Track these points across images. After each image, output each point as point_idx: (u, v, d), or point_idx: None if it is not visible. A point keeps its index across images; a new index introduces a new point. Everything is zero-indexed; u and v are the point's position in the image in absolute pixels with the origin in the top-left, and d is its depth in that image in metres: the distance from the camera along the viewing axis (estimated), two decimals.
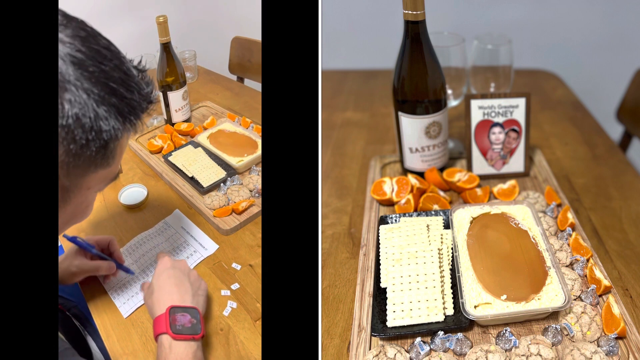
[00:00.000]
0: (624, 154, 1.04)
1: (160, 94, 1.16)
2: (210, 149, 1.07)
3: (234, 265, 0.81)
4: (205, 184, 0.96)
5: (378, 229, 0.76)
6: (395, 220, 0.78)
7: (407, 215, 0.78)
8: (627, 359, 0.58)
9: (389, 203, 0.84)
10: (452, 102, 0.95)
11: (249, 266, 0.80)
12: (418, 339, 0.59)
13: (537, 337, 0.58)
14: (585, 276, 0.68)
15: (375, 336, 0.62)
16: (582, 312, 0.61)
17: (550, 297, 0.61)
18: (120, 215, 0.93)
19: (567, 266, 0.69)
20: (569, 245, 0.72)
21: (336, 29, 1.58)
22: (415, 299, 0.62)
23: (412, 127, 0.84)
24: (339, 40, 1.61)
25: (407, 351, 0.59)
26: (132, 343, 0.69)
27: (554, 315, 0.62)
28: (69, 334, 0.77)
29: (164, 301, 0.64)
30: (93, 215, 0.88)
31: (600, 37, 1.62)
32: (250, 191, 0.95)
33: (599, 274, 0.66)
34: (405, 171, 0.91)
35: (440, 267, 0.66)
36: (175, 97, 1.16)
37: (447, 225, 0.75)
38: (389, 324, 0.61)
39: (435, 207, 0.81)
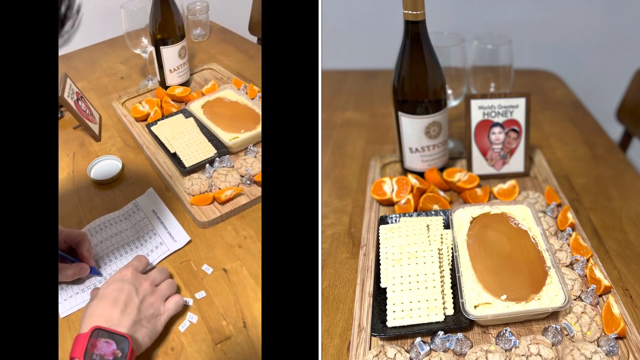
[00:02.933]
0: (624, 154, 1.04)
1: (153, 50, 0.99)
2: (202, 120, 0.90)
3: (204, 267, 0.70)
4: (188, 162, 0.82)
5: (378, 229, 0.76)
6: (395, 220, 0.78)
7: (407, 215, 0.78)
8: (627, 359, 0.58)
9: (389, 203, 0.84)
10: (452, 102, 0.95)
11: (223, 270, 0.69)
12: (418, 339, 0.59)
13: (537, 337, 0.58)
14: (585, 276, 0.68)
15: (375, 336, 0.62)
16: (582, 312, 0.61)
17: (550, 297, 0.61)
18: (86, 190, 0.82)
19: (567, 266, 0.69)
20: (569, 245, 0.72)
21: (336, 29, 1.57)
22: (415, 299, 0.62)
23: (412, 127, 0.84)
24: (339, 40, 1.61)
25: (407, 351, 0.59)
26: (66, 347, 0.59)
27: (554, 315, 0.62)
28: None
29: (95, 317, 0.54)
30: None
31: (600, 37, 1.62)
32: (241, 177, 0.80)
33: (599, 274, 0.66)
34: (405, 171, 0.91)
35: (440, 267, 0.66)
36: (170, 55, 0.97)
37: (447, 225, 0.75)
38: (389, 324, 0.61)
39: (435, 207, 0.81)
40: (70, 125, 0.96)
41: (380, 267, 0.70)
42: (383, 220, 0.78)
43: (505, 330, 0.59)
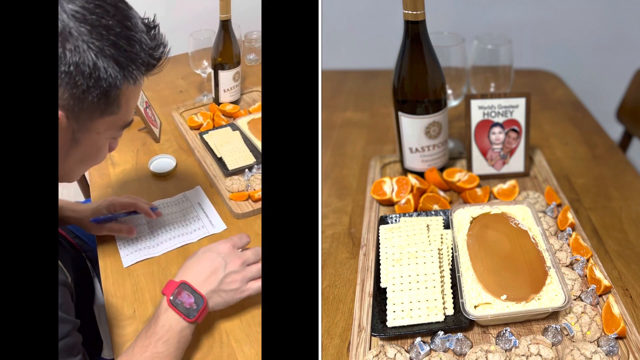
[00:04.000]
0: (624, 154, 1.04)
1: (212, 72, 1.14)
2: (246, 134, 1.06)
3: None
4: (231, 166, 0.97)
5: (378, 229, 0.76)
6: (395, 220, 0.78)
7: (407, 215, 0.78)
8: (627, 359, 0.58)
9: (389, 203, 0.84)
10: (452, 102, 0.95)
11: None
12: (418, 339, 0.59)
13: (537, 337, 0.58)
14: (585, 276, 0.68)
15: (375, 336, 0.62)
16: (582, 312, 0.61)
17: (550, 297, 0.61)
18: (146, 180, 0.99)
19: (567, 266, 0.69)
20: (569, 245, 0.72)
21: (336, 29, 1.57)
22: (415, 299, 0.62)
23: (412, 127, 0.84)
24: (339, 40, 1.61)
25: (407, 351, 0.59)
26: (124, 289, 0.76)
27: (554, 315, 0.62)
28: (81, 272, 0.83)
29: (187, 274, 0.66)
30: (123, 175, 0.99)
31: (600, 37, 1.62)
32: None
33: (599, 274, 0.66)
34: (405, 171, 0.91)
35: (440, 267, 0.66)
36: (226, 77, 1.13)
37: (447, 225, 0.75)
38: (389, 324, 0.61)
39: (435, 207, 0.81)
40: (136, 127, 1.12)
41: (380, 267, 0.70)
42: (383, 220, 0.78)
43: (505, 330, 0.59)
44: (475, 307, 0.61)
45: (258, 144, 1.03)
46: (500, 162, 0.89)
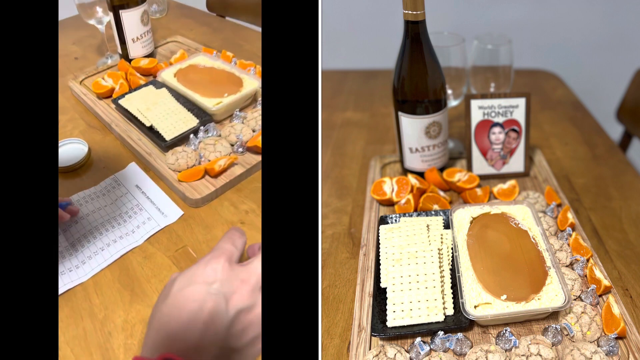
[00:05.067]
0: (624, 154, 1.04)
1: (112, 18, 0.88)
2: (177, 88, 0.82)
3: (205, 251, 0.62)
4: (168, 135, 0.74)
5: (378, 229, 0.76)
6: (395, 220, 0.78)
7: (407, 215, 0.78)
8: (627, 359, 0.58)
9: (389, 203, 0.84)
10: (452, 102, 0.95)
11: None
12: (418, 339, 0.59)
13: (537, 337, 0.58)
14: (585, 276, 0.68)
15: (375, 336, 0.62)
16: (582, 312, 0.61)
17: (550, 297, 0.61)
18: None
19: (567, 266, 0.69)
20: (569, 245, 0.72)
21: (336, 29, 1.58)
22: (415, 299, 0.62)
23: (412, 127, 0.84)
24: (339, 40, 1.61)
25: (407, 351, 0.59)
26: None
27: (554, 315, 0.62)
28: None
29: (166, 336, 0.39)
30: None
31: (600, 37, 1.62)
32: (232, 145, 0.74)
33: (599, 274, 0.66)
34: (405, 171, 0.91)
35: (440, 267, 0.66)
36: (131, 20, 0.88)
37: (447, 225, 0.75)
38: (389, 324, 0.61)
39: (435, 207, 0.81)
40: None
41: (380, 267, 0.70)
42: (383, 220, 0.78)
43: (505, 330, 0.59)
44: (475, 307, 0.61)
45: (196, 97, 0.79)
46: (500, 162, 0.89)
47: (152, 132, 0.76)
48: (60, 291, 0.58)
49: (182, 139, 0.75)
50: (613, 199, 0.85)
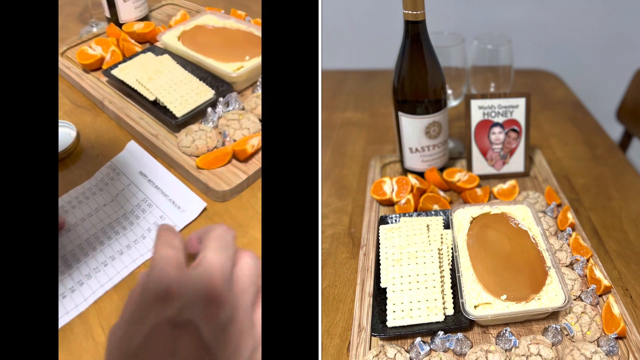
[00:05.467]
0: (624, 154, 1.04)
1: None
2: (185, 53, 0.67)
3: None
4: (179, 111, 0.60)
5: (378, 229, 0.76)
6: (395, 220, 0.78)
7: (407, 215, 0.78)
8: (627, 359, 0.58)
9: (389, 203, 0.84)
10: (452, 102, 0.95)
11: None
12: (418, 339, 0.59)
13: (537, 337, 0.58)
14: (585, 276, 0.68)
15: (375, 336, 0.62)
16: (582, 312, 0.61)
17: (550, 297, 0.61)
18: None
19: (567, 266, 0.69)
20: (569, 245, 0.72)
21: (336, 29, 1.58)
22: (415, 299, 0.62)
23: (412, 127, 0.84)
24: (339, 40, 1.61)
25: (407, 351, 0.59)
26: None
27: (554, 315, 0.62)
28: None
29: None
30: None
31: (600, 37, 1.62)
32: (260, 120, 0.60)
33: (599, 274, 0.66)
34: (405, 171, 0.91)
35: (440, 267, 0.66)
36: None
37: (447, 225, 0.75)
38: (389, 324, 0.61)
39: (435, 207, 0.81)
40: None
41: (380, 267, 0.70)
42: (383, 220, 0.78)
43: (505, 330, 0.59)
44: (475, 307, 0.61)
45: (210, 63, 0.64)
46: (500, 162, 0.89)
47: (157, 108, 0.61)
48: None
49: (196, 115, 0.61)
50: (613, 199, 0.85)
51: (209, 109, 0.60)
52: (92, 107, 0.70)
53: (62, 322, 0.45)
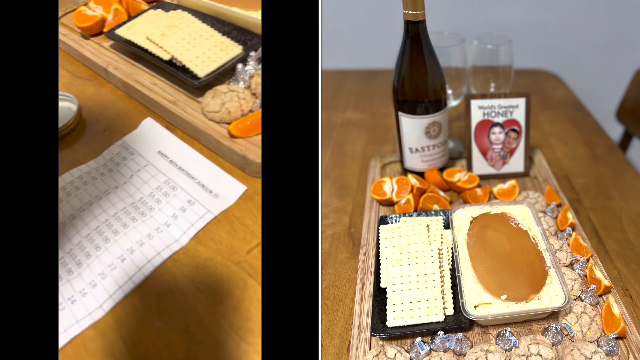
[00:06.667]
0: (624, 154, 1.04)
1: None
2: (201, 5, 0.57)
3: None
4: (202, 70, 0.51)
5: (378, 229, 0.76)
6: (395, 220, 0.78)
7: (407, 215, 0.78)
8: (627, 359, 0.58)
9: (389, 203, 0.84)
10: (452, 102, 0.95)
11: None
12: (418, 339, 0.59)
13: (537, 337, 0.58)
14: (585, 276, 0.68)
15: (375, 336, 0.62)
16: (582, 312, 0.61)
17: (550, 297, 0.61)
18: None
19: (567, 266, 0.69)
20: (569, 245, 0.72)
21: (336, 29, 1.58)
22: (415, 299, 0.62)
23: (412, 127, 0.84)
24: (339, 40, 1.61)
25: (407, 351, 0.59)
26: None
27: (554, 315, 0.62)
28: None
29: None
30: None
31: (600, 37, 1.62)
32: None
33: (599, 274, 0.66)
34: (405, 171, 0.91)
35: (440, 267, 0.66)
36: None
37: (447, 225, 0.75)
38: (389, 324, 0.61)
39: (435, 207, 0.81)
40: None
41: (380, 267, 0.70)
42: (383, 220, 0.78)
43: (505, 330, 0.59)
44: (475, 307, 0.61)
45: (235, 12, 0.54)
46: (500, 162, 0.89)
47: (175, 69, 0.51)
48: (60, 344, 0.37)
49: (222, 76, 0.52)
50: (613, 199, 0.85)
51: (239, 66, 0.52)
52: (94, 78, 0.63)
53: (69, 335, 0.38)
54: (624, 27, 1.60)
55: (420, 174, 0.88)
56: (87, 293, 0.40)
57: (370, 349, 0.60)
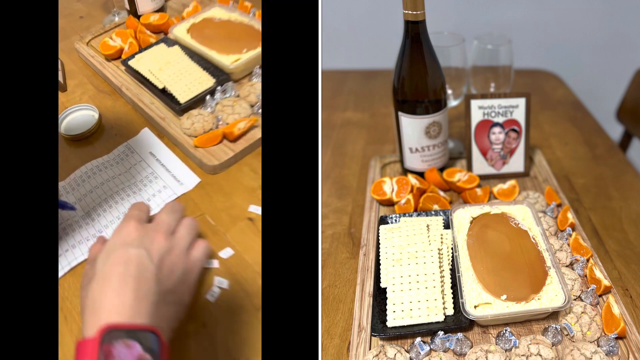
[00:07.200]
0: (624, 154, 1.04)
1: None
2: (191, 45, 0.76)
3: (225, 219, 0.60)
4: (182, 98, 0.69)
5: (378, 229, 0.76)
6: (395, 220, 0.78)
7: (407, 215, 0.78)
8: (627, 359, 0.58)
9: (389, 203, 0.84)
10: (452, 102, 0.95)
11: (249, 220, 0.59)
12: (418, 339, 0.59)
13: (537, 337, 0.58)
14: (585, 276, 0.68)
15: (375, 336, 0.62)
16: (582, 312, 0.61)
17: (550, 297, 0.61)
18: (60, 150, 0.71)
19: (567, 266, 0.69)
20: (569, 245, 0.72)
21: (336, 29, 1.57)
22: (415, 299, 0.62)
23: (412, 127, 0.84)
24: (339, 40, 1.61)
25: (407, 351, 0.59)
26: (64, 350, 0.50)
27: (554, 315, 0.62)
28: None
29: (101, 310, 0.40)
30: None
31: (600, 37, 1.62)
32: (251, 106, 0.70)
33: (599, 274, 0.66)
34: (405, 171, 0.91)
35: (440, 267, 0.66)
36: None
37: (447, 225, 0.75)
38: (389, 324, 0.61)
39: (435, 207, 0.81)
40: None
41: (380, 267, 0.70)
42: (383, 220, 0.78)
43: (505, 330, 0.59)
44: (475, 307, 0.61)
45: (212, 55, 0.73)
46: (500, 162, 0.89)
47: (165, 95, 0.71)
48: (76, 262, 0.58)
49: (198, 101, 0.71)
50: (613, 199, 0.85)
51: (208, 97, 0.71)
52: (112, 93, 0.80)
53: (83, 257, 0.58)
54: (624, 27, 1.60)
55: (420, 174, 0.88)
56: (96, 235, 0.62)
57: (370, 349, 0.60)
